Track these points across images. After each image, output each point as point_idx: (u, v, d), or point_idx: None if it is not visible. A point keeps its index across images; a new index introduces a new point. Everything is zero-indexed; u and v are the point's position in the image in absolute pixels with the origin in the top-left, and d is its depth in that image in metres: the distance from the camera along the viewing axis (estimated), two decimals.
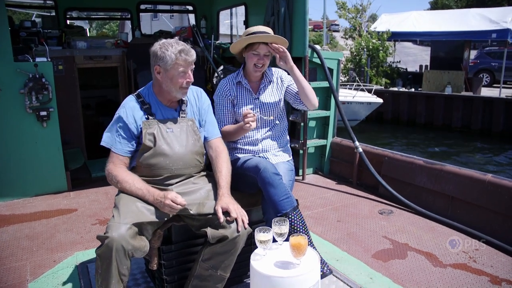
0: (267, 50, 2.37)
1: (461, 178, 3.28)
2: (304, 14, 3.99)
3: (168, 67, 1.93)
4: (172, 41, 1.96)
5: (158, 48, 1.95)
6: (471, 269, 2.52)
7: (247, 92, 2.47)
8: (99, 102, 6.36)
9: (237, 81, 2.48)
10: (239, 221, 1.90)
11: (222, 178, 2.05)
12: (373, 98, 12.41)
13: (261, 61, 2.38)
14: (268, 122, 2.48)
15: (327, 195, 3.89)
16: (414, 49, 26.93)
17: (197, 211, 1.98)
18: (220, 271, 1.97)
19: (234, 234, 1.89)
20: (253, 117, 2.20)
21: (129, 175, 1.97)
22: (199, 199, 2.01)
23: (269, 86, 2.53)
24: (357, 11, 17.86)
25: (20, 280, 2.45)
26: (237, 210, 1.92)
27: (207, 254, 1.95)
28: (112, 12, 7.30)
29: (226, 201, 1.95)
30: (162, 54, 1.93)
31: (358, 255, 2.71)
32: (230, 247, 1.92)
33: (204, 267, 1.96)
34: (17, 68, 3.55)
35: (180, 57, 1.92)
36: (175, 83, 1.96)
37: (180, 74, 1.95)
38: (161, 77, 1.98)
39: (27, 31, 4.51)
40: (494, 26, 12.76)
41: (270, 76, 2.54)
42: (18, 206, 3.63)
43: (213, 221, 1.93)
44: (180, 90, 1.99)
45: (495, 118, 11.87)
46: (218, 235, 1.89)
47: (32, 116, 3.68)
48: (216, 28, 6.05)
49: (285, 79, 2.56)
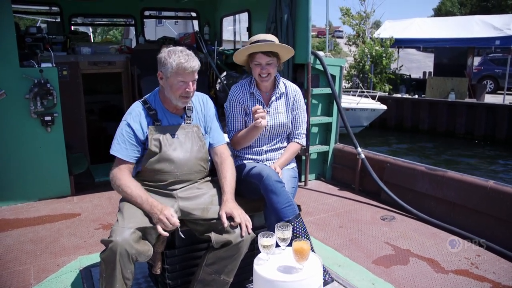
0: (269, 58, 2.31)
1: (463, 184, 3.28)
2: (307, 20, 4.01)
3: (169, 74, 1.95)
4: (179, 49, 1.97)
5: (164, 54, 1.96)
6: (473, 275, 2.51)
7: (259, 104, 2.41)
8: (103, 107, 6.39)
9: (250, 91, 2.43)
10: (243, 226, 1.91)
11: (226, 184, 2.06)
12: (377, 105, 12.42)
13: (264, 71, 2.33)
14: (276, 135, 2.48)
15: (329, 201, 3.89)
16: (418, 56, 26.93)
17: (201, 215, 2.00)
18: (224, 276, 1.97)
19: (238, 239, 1.90)
20: (263, 112, 2.15)
21: (131, 182, 1.97)
22: (203, 204, 2.03)
23: (282, 97, 2.48)
24: (361, 17, 17.94)
25: (24, 284, 2.46)
26: (241, 215, 1.94)
27: (211, 259, 1.96)
28: (116, 18, 7.37)
29: (231, 206, 1.96)
30: (165, 60, 1.95)
31: (360, 261, 2.71)
32: (234, 252, 1.93)
33: (207, 272, 1.97)
34: (22, 73, 3.59)
35: (180, 66, 1.92)
36: (174, 91, 1.97)
37: (179, 83, 1.95)
38: (163, 83, 2.01)
39: (33, 37, 4.55)
40: (498, 33, 12.78)
41: (283, 88, 2.49)
42: (22, 210, 3.66)
43: (217, 226, 1.94)
44: (180, 99, 2.00)
45: (498, 125, 11.82)
46: (222, 240, 1.91)
47: (36, 121, 3.71)
48: (220, 34, 6.10)
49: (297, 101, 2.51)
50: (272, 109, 2.45)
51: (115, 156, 2.01)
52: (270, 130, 2.44)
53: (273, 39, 2.37)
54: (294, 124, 2.53)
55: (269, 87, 2.46)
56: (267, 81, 2.38)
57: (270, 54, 2.31)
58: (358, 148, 4.07)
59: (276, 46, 2.33)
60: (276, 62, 2.36)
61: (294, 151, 2.53)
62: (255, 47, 2.31)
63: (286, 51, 2.38)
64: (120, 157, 2.00)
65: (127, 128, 2.01)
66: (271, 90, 2.47)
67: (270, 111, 2.44)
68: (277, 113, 2.45)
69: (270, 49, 2.31)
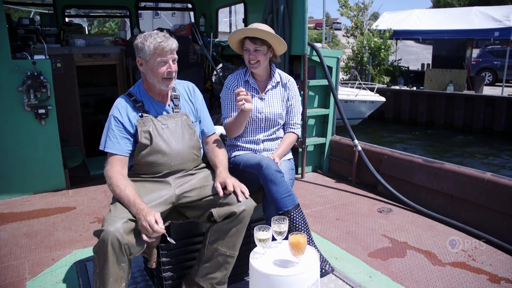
0: (255, 45, 2.30)
1: (460, 177, 3.27)
2: (304, 12, 3.96)
3: (148, 57, 1.92)
4: (153, 32, 1.96)
5: (139, 39, 1.94)
6: (470, 268, 2.51)
7: (254, 92, 2.44)
8: (97, 100, 6.35)
9: (245, 79, 2.46)
10: (238, 192, 1.92)
11: (218, 161, 2.09)
12: (375, 97, 12.41)
13: (252, 56, 2.33)
14: (272, 124, 2.47)
15: (326, 194, 3.87)
16: (416, 48, 26.85)
17: (199, 195, 2.00)
18: (229, 250, 1.96)
19: (240, 208, 1.90)
20: (246, 95, 2.13)
21: (121, 181, 1.89)
22: (199, 184, 2.03)
23: (277, 87, 2.50)
24: (359, 9, 17.83)
25: (19, 279, 2.44)
26: (234, 183, 1.95)
27: (214, 235, 1.95)
28: (110, 9, 7.28)
29: (223, 176, 1.98)
30: (141, 45, 1.92)
31: (357, 254, 2.70)
32: (237, 223, 1.93)
33: (212, 250, 1.96)
34: (15, 65, 3.54)
35: (158, 46, 1.89)
36: (156, 73, 1.94)
37: (160, 64, 1.92)
38: (144, 69, 1.98)
39: (25, 29, 4.49)
40: (497, 24, 12.71)
41: (278, 77, 2.50)
42: (16, 204, 3.63)
43: (216, 201, 1.95)
44: (163, 81, 1.96)
45: (497, 117, 11.83)
46: (224, 213, 1.91)
47: (30, 114, 3.66)
48: (215, 26, 6.03)
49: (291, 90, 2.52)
50: (267, 97, 2.46)
51: (108, 153, 1.97)
52: (266, 118, 2.44)
53: (266, 28, 2.33)
54: (289, 114, 2.54)
55: (264, 76, 2.47)
56: (256, 67, 2.38)
57: (258, 42, 2.31)
58: (355, 140, 4.05)
59: (260, 32, 2.29)
60: (265, 51, 2.35)
61: (291, 142, 2.53)
62: (239, 30, 2.36)
63: (276, 41, 2.34)
64: (114, 152, 1.95)
65: (115, 123, 1.96)
66: (267, 79, 2.49)
67: (265, 99, 2.45)
68: (272, 101, 2.46)
69: (254, 34, 2.30)
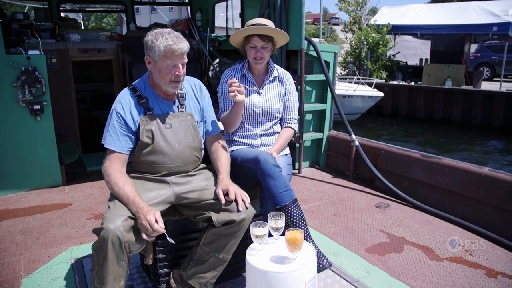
0: (264, 42, 2.34)
1: (457, 172, 3.26)
2: (301, 6, 3.93)
3: (157, 58, 1.86)
4: (165, 31, 1.87)
5: (150, 37, 1.87)
6: (467, 263, 2.51)
7: (251, 86, 2.45)
8: (93, 95, 6.31)
9: (242, 74, 2.47)
10: (238, 200, 1.90)
11: (221, 165, 2.05)
12: (374, 92, 12.38)
13: (259, 54, 2.36)
14: (269, 118, 2.47)
15: (323, 189, 3.87)
16: (414, 43, 26.78)
17: (199, 197, 1.98)
18: (223, 254, 1.95)
19: (240, 217, 1.89)
20: (239, 86, 2.11)
21: (120, 178, 1.86)
22: (200, 187, 2.00)
23: (275, 81, 2.52)
24: (357, 4, 17.78)
25: (14, 276, 2.42)
26: (236, 191, 1.92)
27: (210, 238, 1.94)
28: (106, 4, 7.22)
29: (226, 183, 1.95)
30: (152, 44, 1.86)
31: (354, 249, 2.70)
32: (236, 230, 1.92)
33: (205, 251, 1.95)
34: (9, 61, 3.50)
35: (169, 49, 1.82)
36: (163, 76, 1.89)
37: (168, 67, 1.87)
38: (151, 68, 1.93)
39: (19, 23, 4.44)
40: (495, 19, 12.67)
41: (275, 72, 2.52)
42: (12, 200, 3.61)
43: (215, 206, 1.92)
44: (170, 84, 1.91)
45: (495, 112, 11.80)
46: (224, 219, 1.89)
47: (25, 110, 3.63)
48: (212, 21, 5.99)
49: (288, 85, 2.53)
50: (264, 91, 2.47)
51: (107, 149, 1.93)
52: (263, 112, 2.44)
53: (271, 24, 2.39)
54: (286, 109, 2.55)
55: (262, 70, 2.49)
56: (260, 63, 2.41)
57: (266, 39, 2.35)
58: (352, 135, 4.04)
59: (272, 31, 2.36)
60: (271, 47, 2.40)
61: (288, 137, 2.53)
62: (252, 29, 2.33)
63: (281, 37, 2.41)
64: (113, 149, 1.91)
65: (117, 118, 1.92)
66: (264, 74, 2.50)
67: (262, 94, 2.46)
68: (270, 95, 2.47)
69: (266, 32, 2.34)
